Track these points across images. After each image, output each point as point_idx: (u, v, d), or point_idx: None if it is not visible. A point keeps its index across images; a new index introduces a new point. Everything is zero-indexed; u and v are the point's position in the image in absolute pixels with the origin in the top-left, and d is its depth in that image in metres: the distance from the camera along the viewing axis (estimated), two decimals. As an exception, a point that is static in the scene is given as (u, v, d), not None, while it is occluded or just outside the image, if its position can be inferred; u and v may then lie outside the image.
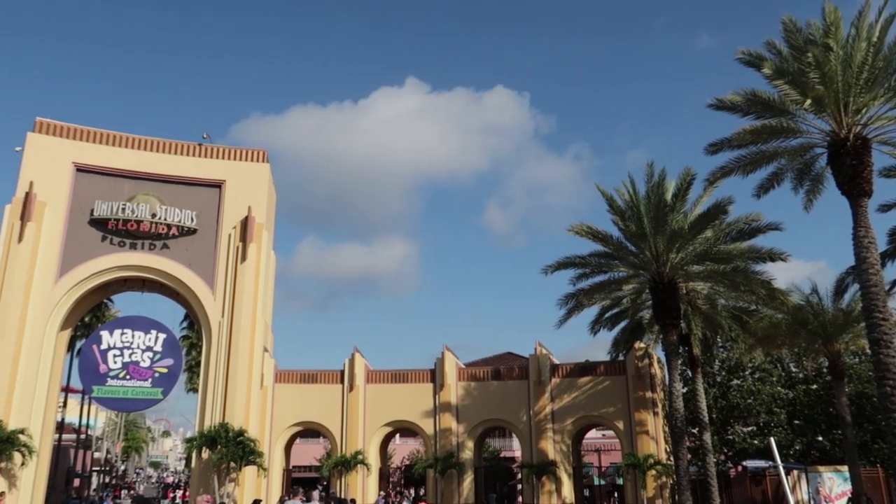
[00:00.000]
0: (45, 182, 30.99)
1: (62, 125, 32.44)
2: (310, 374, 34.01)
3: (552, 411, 32.72)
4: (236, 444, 29.47)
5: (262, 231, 33.59)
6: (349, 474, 31.95)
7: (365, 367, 33.97)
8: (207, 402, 31.60)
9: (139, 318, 32.93)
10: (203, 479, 30.31)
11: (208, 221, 33.34)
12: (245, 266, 32.74)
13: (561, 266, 28.49)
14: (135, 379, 31.71)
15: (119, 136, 33.24)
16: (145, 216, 31.94)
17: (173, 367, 32.57)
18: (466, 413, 33.39)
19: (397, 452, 50.87)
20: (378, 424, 33.46)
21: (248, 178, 34.26)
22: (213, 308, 32.47)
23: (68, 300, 31.24)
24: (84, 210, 31.74)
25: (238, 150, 35.06)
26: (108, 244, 31.85)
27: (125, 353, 31.76)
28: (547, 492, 31.45)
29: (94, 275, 31.58)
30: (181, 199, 33.02)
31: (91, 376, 31.55)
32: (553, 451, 32.03)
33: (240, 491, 29.99)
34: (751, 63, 19.98)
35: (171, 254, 32.51)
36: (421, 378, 34.21)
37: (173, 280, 32.67)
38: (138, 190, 32.52)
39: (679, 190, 26.19)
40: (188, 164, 33.76)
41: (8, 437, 27.42)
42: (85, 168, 32.22)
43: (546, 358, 33.46)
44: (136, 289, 34.13)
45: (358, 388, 33.48)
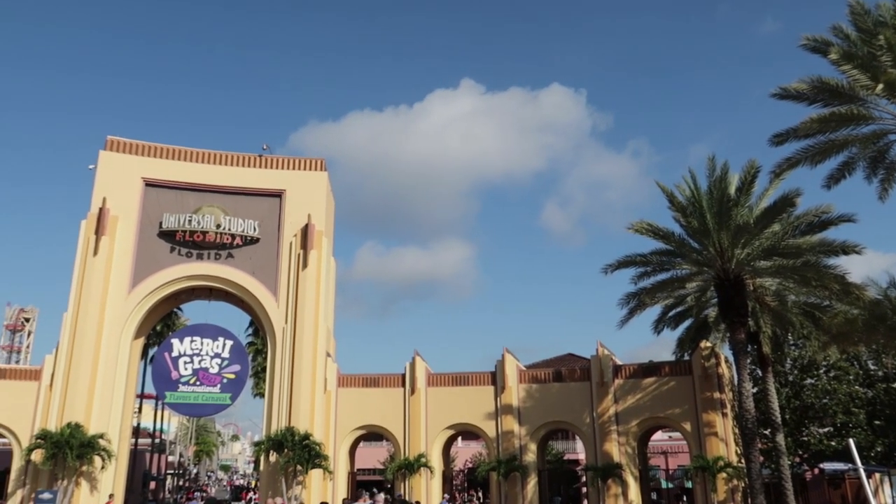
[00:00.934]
0: (116, 197, 32.44)
1: (131, 142, 33.91)
2: (371, 378, 34.40)
3: (616, 413, 32.16)
4: (302, 448, 30.07)
5: (321, 238, 34.24)
6: (413, 477, 32.15)
7: (426, 371, 34.15)
8: (273, 406, 32.38)
9: (207, 325, 34.05)
10: (272, 482, 31.05)
11: (270, 230, 34.22)
12: (306, 273, 33.43)
13: (621, 265, 28.02)
14: (204, 385, 32.78)
15: (184, 151, 34.52)
16: (210, 227, 33.01)
17: (240, 372, 33.54)
18: (528, 415, 33.16)
19: (460, 455, 50.96)
20: (440, 427, 33.57)
21: (307, 186, 35.03)
22: (276, 315, 33.28)
23: (141, 310, 32.58)
24: (153, 223, 33.06)
25: (297, 159, 35.89)
26: (177, 255, 33.08)
27: (195, 359, 32.88)
28: (613, 495, 30.91)
29: (164, 285, 32.85)
30: (244, 210, 34.03)
31: (164, 383, 32.78)
32: (618, 454, 31.46)
33: (307, 494, 30.58)
34: (816, 49, 19.24)
35: (236, 263, 33.51)
36: (481, 381, 34.14)
37: (238, 288, 33.65)
38: (203, 202, 33.66)
39: (743, 183, 25.39)
40: (250, 175, 34.75)
41: (89, 441, 28.73)
42: (153, 182, 33.57)
43: (608, 359, 32.93)
44: (203, 297, 35.31)
45: (419, 391, 33.67)
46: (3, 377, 31.23)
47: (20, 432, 30.00)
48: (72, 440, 28.13)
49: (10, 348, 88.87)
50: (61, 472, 28.45)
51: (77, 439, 28.28)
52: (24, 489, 29.27)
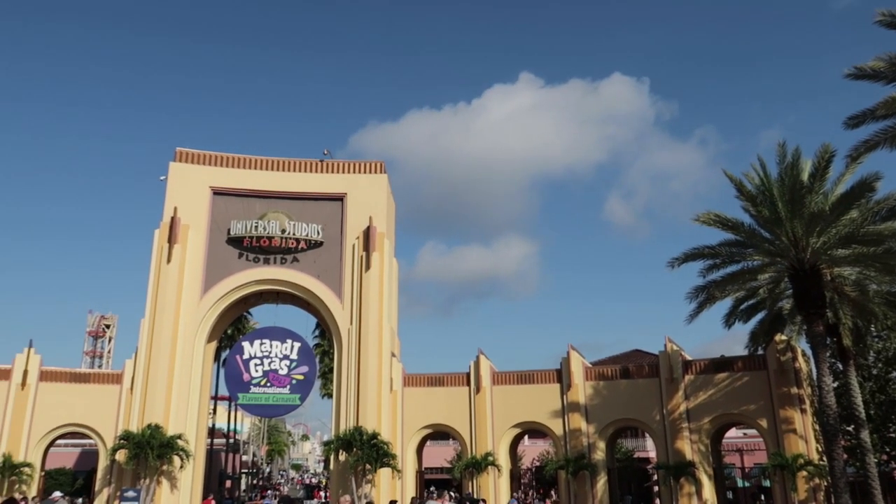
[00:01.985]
0: (186, 206, 33.67)
1: (199, 153, 35.13)
2: (437, 378, 34.55)
3: (687, 410, 31.32)
4: (370, 447, 30.48)
5: (383, 240, 34.64)
6: (480, 476, 32.13)
7: (490, 369, 34.08)
8: (341, 406, 32.95)
9: (275, 328, 34.94)
10: (342, 481, 31.60)
11: (333, 233, 34.85)
12: (369, 274, 33.88)
13: (689, 258, 27.22)
14: (275, 386, 33.64)
15: (248, 159, 35.53)
16: (276, 232, 33.86)
17: (308, 373, 34.27)
18: (596, 413, 32.66)
19: (527, 454, 50.63)
20: (506, 426, 33.43)
21: (367, 189, 35.51)
22: (341, 316, 33.86)
23: (212, 314, 33.71)
24: (221, 230, 34.15)
25: (357, 163, 36.44)
26: (245, 260, 34.07)
27: (265, 361, 33.78)
28: (686, 494, 30.11)
29: (234, 290, 33.91)
30: (307, 214, 34.78)
31: (236, 384, 33.81)
32: (690, 452, 30.64)
33: (376, 492, 30.98)
34: (893, 24, 18.21)
35: (301, 266, 34.27)
36: (547, 378, 33.84)
37: (304, 291, 34.42)
38: (268, 208, 34.56)
39: (817, 169, 24.26)
40: (312, 181, 35.49)
41: (168, 441, 29.90)
42: (220, 191, 34.68)
43: (677, 354, 32.11)
44: (271, 301, 36.26)
45: (484, 389, 33.63)
46: (88, 381, 32.85)
47: (105, 433, 31.49)
48: (152, 440, 29.35)
49: (92, 353, 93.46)
50: (143, 471, 29.71)
51: (157, 440, 29.49)
52: (109, 487, 30.71)
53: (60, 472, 39.21)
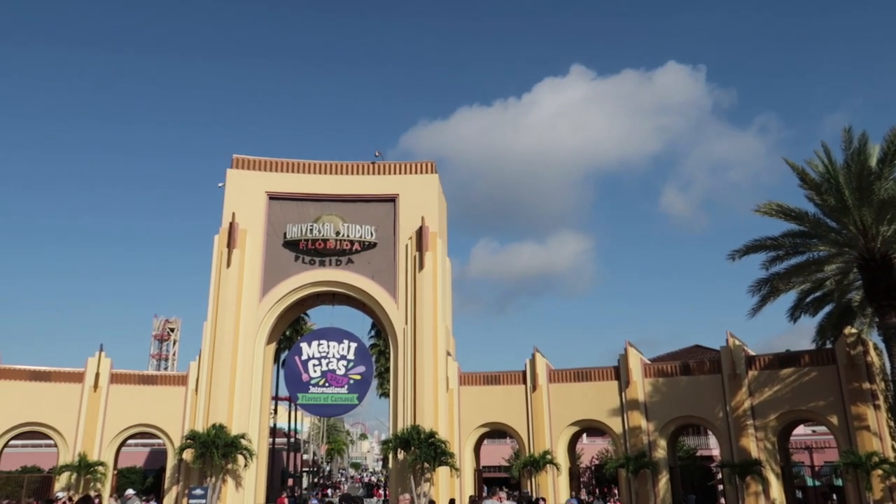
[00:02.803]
0: (244, 212, 34.52)
1: (255, 159, 35.98)
2: (492, 376, 34.47)
3: (751, 406, 30.38)
4: (428, 446, 30.63)
5: (436, 239, 34.77)
6: (539, 474, 31.92)
7: (546, 367, 33.81)
8: (398, 405, 33.23)
9: (332, 329, 35.49)
10: (400, 479, 31.86)
11: (386, 234, 35.18)
12: (423, 274, 34.06)
13: (750, 250, 26.45)
14: (333, 386, 34.17)
15: (302, 164, 36.22)
16: (330, 235, 34.40)
17: (365, 373, 34.68)
18: (656, 410, 32.02)
19: (585, 452, 50.05)
20: (564, 424, 33.09)
21: (419, 189, 35.72)
22: (396, 316, 34.15)
23: (271, 316, 34.47)
24: (278, 234, 34.89)
25: (408, 164, 36.70)
26: (301, 263, 34.72)
27: (323, 362, 34.34)
28: (753, 493, 29.22)
29: (291, 292, 34.59)
30: (360, 216, 35.21)
31: (295, 385, 34.47)
32: (756, 450, 29.72)
33: (435, 490, 31.12)
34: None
35: (356, 268, 34.72)
36: (605, 376, 33.36)
37: (359, 292, 34.85)
38: (323, 211, 35.13)
39: (886, 154, 23.24)
40: (364, 183, 35.91)
41: (232, 441, 30.71)
42: (276, 195, 35.43)
43: (740, 349, 31.19)
44: (327, 302, 36.87)
45: (541, 387, 33.38)
46: (155, 383, 34.04)
47: (172, 433, 32.57)
48: (217, 440, 30.19)
49: (158, 356, 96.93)
50: (209, 470, 30.59)
51: (222, 439, 30.32)
52: (178, 486, 31.75)
53: (132, 471, 40.72)
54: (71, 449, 31.48)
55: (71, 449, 31.48)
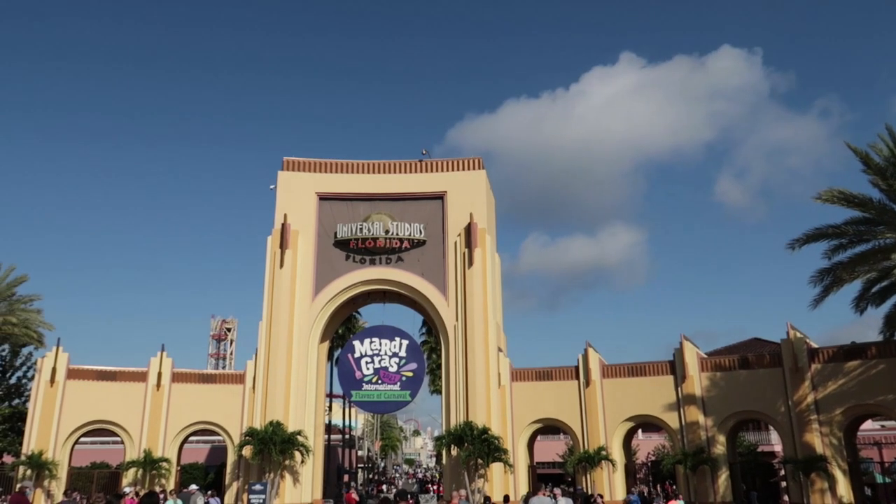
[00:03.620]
0: (295, 213, 35.13)
1: (304, 160, 36.57)
2: (545, 372, 34.26)
3: (815, 401, 29.41)
4: (481, 442, 30.63)
5: (484, 236, 34.72)
6: (594, 470, 31.58)
7: (599, 362, 33.41)
8: (451, 402, 33.34)
9: (384, 327, 35.81)
10: (454, 475, 31.96)
11: (435, 232, 35.31)
12: (472, 271, 34.06)
13: (811, 238, 25.58)
14: (385, 383, 34.49)
15: (351, 164, 36.64)
16: (380, 233, 34.72)
17: (417, 370, 34.89)
18: (713, 405, 31.29)
19: (641, 448, 49.32)
20: (619, 419, 32.65)
21: (466, 186, 35.73)
22: (447, 313, 34.25)
23: (324, 315, 35.00)
24: (329, 234, 35.39)
25: (455, 161, 36.73)
26: (352, 262, 35.15)
27: (375, 359, 34.71)
28: (818, 490, 28.29)
29: (343, 291, 35.04)
30: (409, 214, 35.42)
31: (349, 382, 34.93)
32: (821, 445, 28.75)
33: (489, 487, 31.11)
34: None
35: (406, 265, 34.95)
36: (660, 370, 32.77)
37: (409, 289, 35.08)
38: (372, 210, 35.48)
39: (955, 135, 22.12)
40: (412, 181, 36.11)
41: (289, 437, 31.33)
42: (326, 196, 35.95)
43: (802, 342, 30.20)
44: (378, 300, 37.23)
45: (594, 382, 33.00)
46: (214, 382, 34.98)
47: (231, 430, 33.43)
48: (274, 437, 30.83)
49: (216, 355, 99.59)
50: (268, 466, 31.29)
51: (279, 436, 30.95)
52: (238, 481, 32.59)
53: (194, 467, 41.94)
54: (136, 445, 32.64)
55: (136, 445, 32.64)
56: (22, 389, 38.57)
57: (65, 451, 32.42)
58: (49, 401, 32.23)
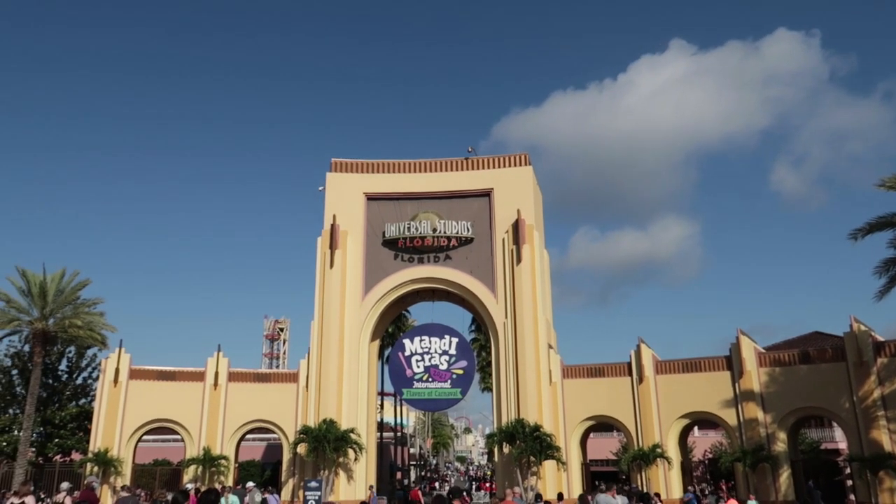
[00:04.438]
0: (344, 213, 35.56)
1: (352, 162, 36.98)
2: (596, 368, 33.84)
3: (882, 396, 28.25)
4: (533, 439, 30.47)
5: (532, 232, 34.50)
6: (649, 468, 31.05)
7: (653, 358, 32.82)
8: (502, 399, 33.25)
9: (433, 325, 35.93)
10: (507, 473, 31.87)
11: (482, 229, 35.25)
12: (521, 268, 33.89)
13: (874, 228, 24.60)
14: (436, 381, 34.61)
15: (397, 164, 36.88)
16: (427, 232, 34.84)
17: (468, 368, 34.91)
18: (773, 401, 30.39)
19: (697, 445, 48.25)
20: (673, 416, 32.02)
21: (513, 182, 35.56)
22: (496, 310, 34.16)
23: (374, 314, 35.34)
24: (377, 233, 35.70)
25: (501, 157, 36.59)
26: (400, 261, 35.38)
27: (425, 357, 34.86)
28: (887, 489, 27.18)
29: (392, 290, 35.31)
30: (456, 212, 35.46)
31: (400, 380, 35.19)
32: (889, 443, 27.61)
33: (542, 484, 30.92)
34: None
35: (454, 263, 34.99)
36: (715, 366, 32.00)
37: (458, 287, 35.11)
38: (419, 209, 35.64)
39: None
40: (459, 179, 36.13)
41: (342, 435, 31.75)
42: (373, 196, 36.28)
43: (866, 335, 29.05)
44: (427, 299, 37.38)
45: (647, 379, 32.44)
46: (269, 381, 35.69)
47: (286, 428, 34.07)
48: (328, 435, 31.29)
49: (270, 355, 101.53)
50: (322, 463, 31.78)
51: (332, 434, 31.40)
52: (294, 478, 33.19)
53: (251, 464, 42.88)
54: (196, 443, 33.56)
55: (196, 443, 33.56)
56: (88, 389, 40.11)
57: (129, 449, 33.57)
58: (113, 400, 33.41)
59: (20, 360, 37.99)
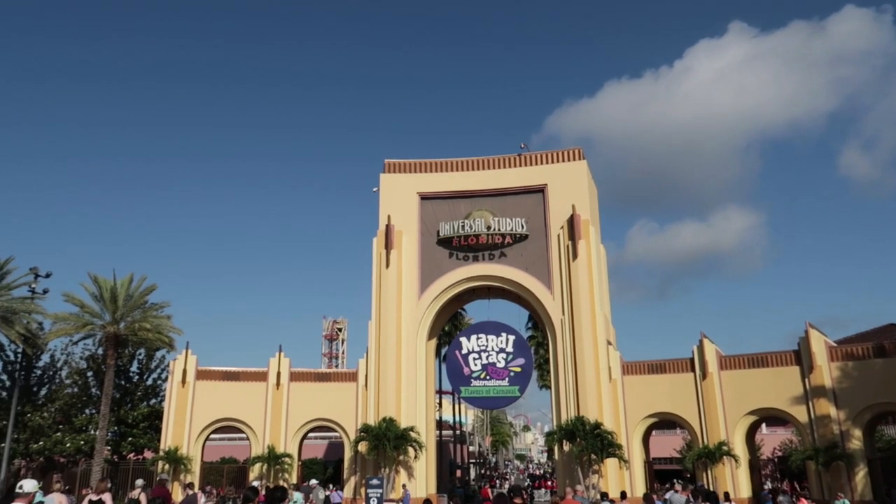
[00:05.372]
0: (398, 214, 35.83)
1: (405, 162, 37.23)
2: (657, 364, 33.15)
3: (966, 391, 26.77)
4: (594, 437, 30.07)
5: (588, 227, 34.04)
6: (715, 466, 30.24)
7: (716, 353, 31.95)
8: (560, 396, 32.93)
9: (490, 322, 35.85)
10: (567, 471, 31.55)
11: (537, 225, 34.98)
12: (577, 263, 33.48)
13: (953, 213, 23.21)
14: (494, 379, 34.53)
15: (450, 162, 36.92)
16: (482, 230, 34.79)
17: (525, 365, 34.70)
18: (846, 397, 29.16)
19: (766, 442, 46.76)
20: (740, 413, 31.09)
21: (567, 177, 35.17)
22: (553, 307, 33.85)
23: (430, 313, 35.49)
24: (431, 232, 35.84)
25: (554, 152, 36.22)
26: (455, 260, 35.42)
27: (482, 355, 34.81)
28: (974, 489, 25.75)
29: (447, 288, 35.38)
30: (510, 209, 35.27)
31: (457, 378, 35.24)
32: (975, 440, 26.14)
33: (604, 482, 30.47)
34: None
35: (509, 261, 34.83)
36: (783, 361, 30.92)
37: (513, 285, 34.93)
38: (473, 207, 35.61)
39: None
40: (512, 176, 35.94)
41: (402, 433, 32.01)
42: (427, 195, 36.43)
43: (947, 327, 27.58)
44: (483, 297, 37.31)
45: (711, 375, 31.60)
46: (329, 380, 36.29)
47: (347, 427, 34.58)
48: (388, 433, 31.60)
49: (329, 355, 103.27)
50: (383, 461, 32.11)
51: (392, 432, 31.70)
52: (355, 476, 33.67)
53: (313, 462, 43.67)
54: (261, 441, 34.38)
55: (261, 441, 34.38)
56: (158, 390, 41.57)
57: (197, 447, 34.65)
58: (181, 400, 34.55)
59: (94, 363, 39.65)
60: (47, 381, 40.31)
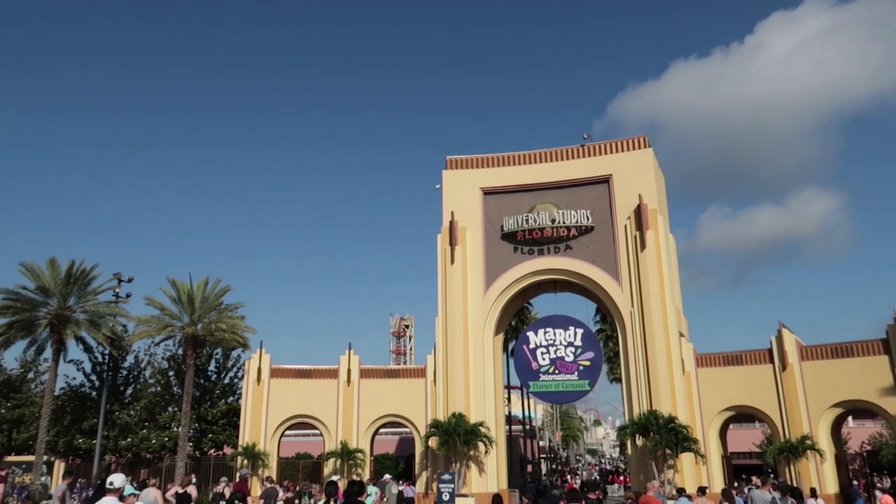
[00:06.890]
0: (461, 210, 35.89)
1: (466, 158, 37.24)
2: (733, 356, 32.06)
3: None
4: (668, 431, 29.37)
5: (655, 216, 33.22)
6: (798, 461, 29.04)
7: (796, 343, 30.65)
8: (632, 390, 32.30)
9: (557, 316, 35.49)
10: (641, 466, 30.95)
11: (603, 217, 34.38)
12: (645, 254, 32.75)
13: None
14: (562, 373, 34.17)
15: (511, 156, 36.70)
16: (546, 223, 34.45)
17: (595, 359, 34.20)
18: (941, 388, 27.48)
19: (853, 436, 44.64)
20: (824, 406, 29.74)
21: (633, 166, 34.41)
22: (621, 299, 33.21)
23: (496, 308, 35.41)
24: (495, 227, 35.74)
25: (619, 141, 35.50)
26: (520, 254, 35.22)
27: (550, 350, 34.50)
28: None
29: (513, 283, 35.21)
30: (575, 201, 34.79)
31: (525, 373, 35.06)
32: None
33: (680, 478, 29.73)
34: None
35: (574, 253, 34.37)
36: (870, 350, 29.38)
37: (580, 277, 34.46)
38: (536, 200, 35.29)
39: None
40: (575, 167, 35.44)
41: (472, 429, 32.10)
42: (490, 190, 36.34)
43: None
44: (549, 290, 36.96)
45: (791, 366, 30.35)
46: (398, 376, 36.76)
47: (417, 422, 34.94)
48: (458, 428, 31.75)
49: (397, 351, 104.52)
50: (453, 456, 32.28)
51: (462, 427, 31.82)
52: (426, 471, 33.98)
53: (385, 457, 44.30)
54: (334, 437, 35.15)
55: (334, 437, 35.15)
56: (234, 388, 43.02)
57: (273, 443, 35.72)
58: (257, 398, 35.68)
59: (175, 363, 41.36)
60: (132, 380, 42.40)
